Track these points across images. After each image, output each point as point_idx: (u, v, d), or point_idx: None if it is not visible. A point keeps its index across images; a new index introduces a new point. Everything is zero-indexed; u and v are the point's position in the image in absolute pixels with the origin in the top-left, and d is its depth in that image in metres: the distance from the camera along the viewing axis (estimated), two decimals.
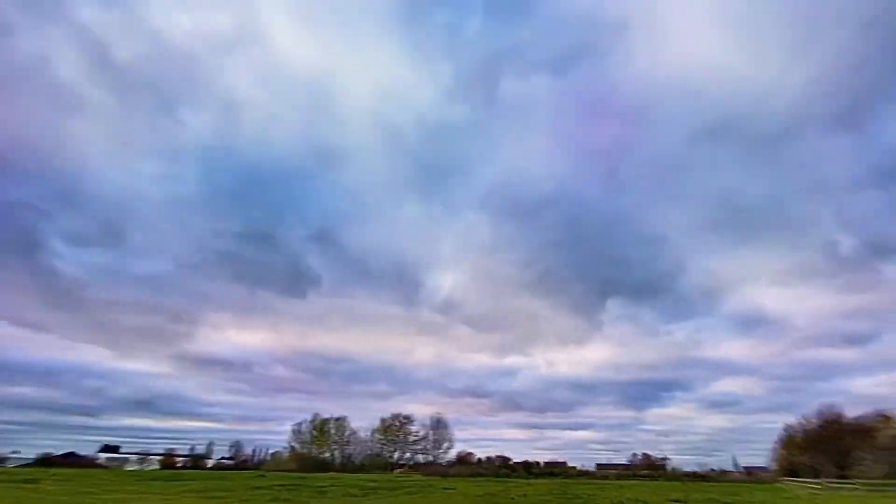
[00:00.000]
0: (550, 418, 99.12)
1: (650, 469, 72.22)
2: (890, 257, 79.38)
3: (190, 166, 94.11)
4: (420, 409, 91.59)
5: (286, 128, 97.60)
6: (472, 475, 54.70)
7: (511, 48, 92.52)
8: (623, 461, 78.91)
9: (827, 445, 39.38)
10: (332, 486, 25.99)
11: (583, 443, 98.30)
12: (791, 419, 53.48)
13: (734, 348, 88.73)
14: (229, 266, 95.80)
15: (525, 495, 22.24)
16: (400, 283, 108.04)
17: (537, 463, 74.16)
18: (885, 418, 43.30)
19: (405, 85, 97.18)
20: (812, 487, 34.52)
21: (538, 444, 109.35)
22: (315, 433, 65.00)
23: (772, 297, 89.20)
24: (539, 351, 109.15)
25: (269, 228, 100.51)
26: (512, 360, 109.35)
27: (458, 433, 66.71)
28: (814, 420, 47.77)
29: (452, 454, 66.38)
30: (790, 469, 46.90)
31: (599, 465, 76.85)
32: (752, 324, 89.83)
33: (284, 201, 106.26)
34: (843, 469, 35.98)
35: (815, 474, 38.83)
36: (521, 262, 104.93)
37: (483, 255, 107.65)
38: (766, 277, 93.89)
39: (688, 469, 70.36)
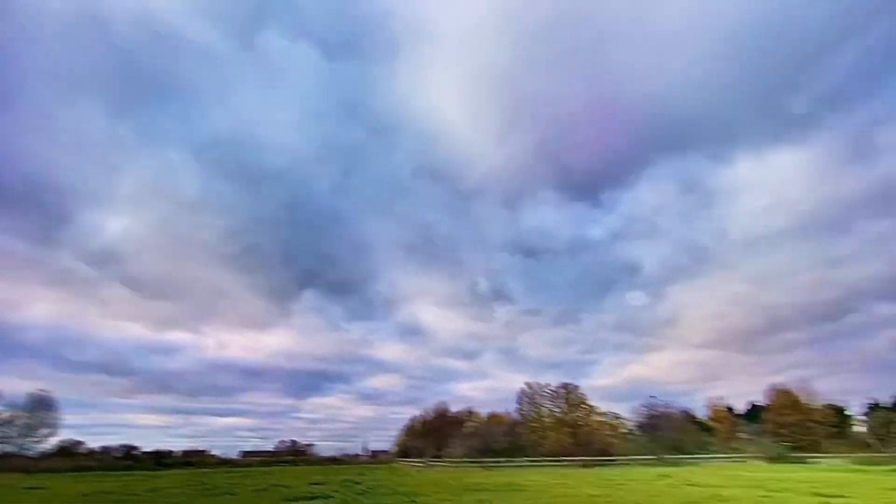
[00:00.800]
0: (204, 403, 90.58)
1: (293, 454, 75.56)
2: (501, 301, 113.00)
3: None
4: (14, 385, 67.19)
5: None
6: (74, 469, 43.12)
7: None
8: (270, 448, 79.61)
9: (435, 432, 51.60)
10: None
11: (231, 430, 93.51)
12: (415, 411, 67.40)
13: (392, 350, 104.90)
14: None
15: (154, 490, 19.08)
16: (36, 210, 77.76)
17: (170, 452, 65.67)
18: (471, 413, 60.44)
19: None
20: (416, 465, 44.06)
21: (178, 432, 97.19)
22: None
23: (430, 314, 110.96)
24: (213, 330, 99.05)
25: None
26: (176, 336, 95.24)
27: (69, 418, 51.52)
28: (430, 413, 61.78)
29: (53, 443, 50.64)
30: (405, 451, 58.58)
31: (245, 453, 74.85)
32: (411, 332, 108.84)
33: None
34: (439, 450, 47.81)
35: (420, 455, 49.90)
36: (226, 231, 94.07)
37: (178, 209, 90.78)
38: (431, 297, 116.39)
39: (326, 454, 77.50)
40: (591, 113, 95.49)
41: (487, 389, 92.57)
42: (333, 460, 70.66)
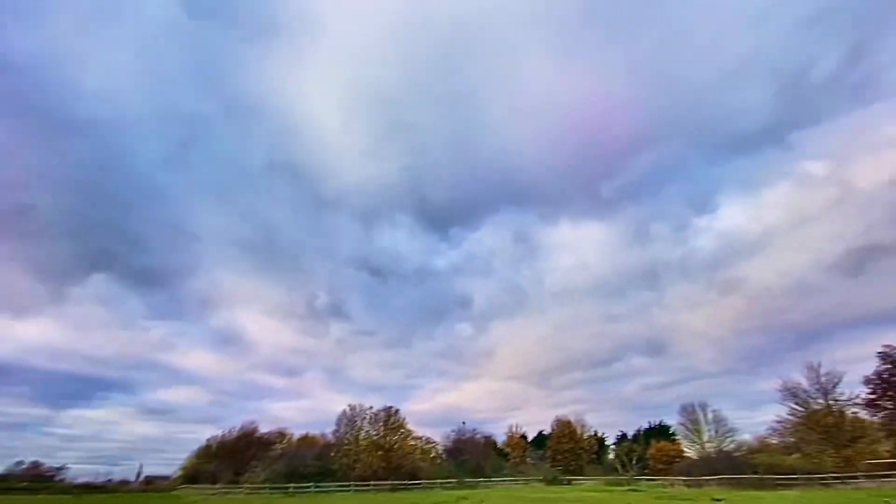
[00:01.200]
0: None
1: (32, 480, 58.64)
2: (338, 318, 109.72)
3: None
4: None
5: None
6: None
7: None
8: None
9: (236, 455, 46.07)
10: None
11: None
12: (216, 431, 59.38)
13: (199, 359, 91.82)
14: None
15: None
16: None
17: None
18: (282, 434, 56.03)
19: None
20: (206, 492, 38.61)
21: None
22: None
23: (254, 322, 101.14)
24: None
25: None
26: None
27: None
28: (233, 432, 55.14)
29: None
30: (193, 476, 50.70)
31: None
32: (227, 340, 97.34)
33: None
34: (239, 475, 42.78)
35: (214, 480, 43.89)
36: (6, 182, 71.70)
37: None
38: (259, 304, 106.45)
39: (84, 479, 62.17)
40: (455, 153, 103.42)
41: (305, 410, 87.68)
42: (89, 488, 56.84)
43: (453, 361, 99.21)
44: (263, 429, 55.88)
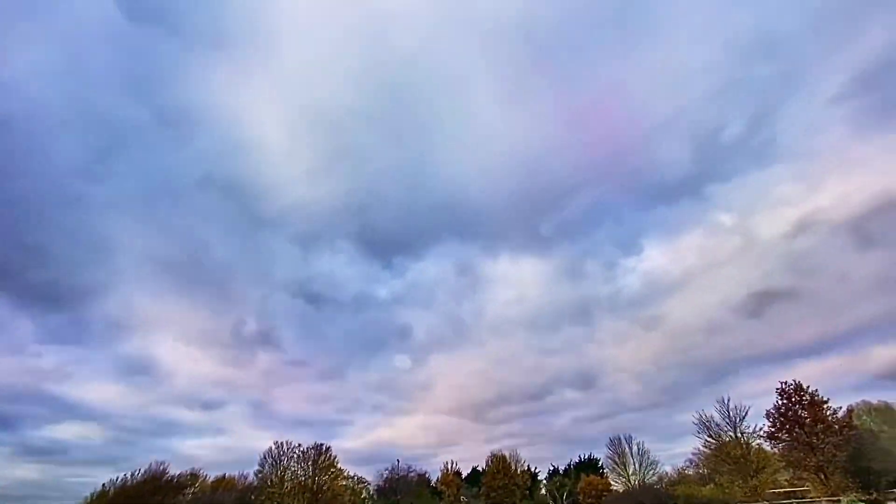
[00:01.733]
0: None
1: None
2: (266, 347, 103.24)
3: None
4: None
5: None
6: None
7: None
8: None
9: (141, 501, 40.69)
10: None
11: None
12: (114, 473, 52.28)
13: (100, 391, 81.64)
14: None
15: None
16: None
17: None
18: (195, 476, 50.58)
19: None
20: None
21: None
22: None
23: (173, 351, 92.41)
24: None
25: None
26: None
27: None
28: (137, 475, 48.91)
29: None
30: None
31: None
32: (138, 370, 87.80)
33: None
34: None
35: None
36: None
37: None
38: (178, 329, 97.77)
39: None
40: (402, 182, 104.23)
41: (223, 448, 79.95)
42: None
43: (389, 395, 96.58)
44: (174, 470, 50.26)
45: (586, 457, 62.39)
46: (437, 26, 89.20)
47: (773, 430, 38.38)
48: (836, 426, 35.83)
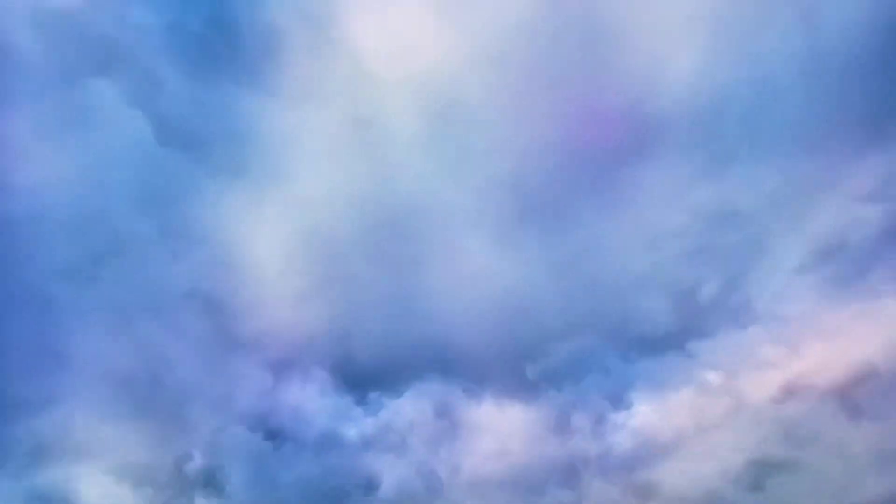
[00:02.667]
0: None
1: None
2: (207, 491, 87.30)
3: None
4: None
5: None
6: None
7: None
8: None
9: None
10: None
11: None
12: None
13: None
14: None
15: None
16: None
17: None
18: None
19: None
20: None
21: None
22: None
23: (96, 487, 77.30)
24: None
25: None
26: None
27: None
28: None
29: None
30: None
31: None
32: None
33: None
34: None
35: None
36: None
37: None
38: (110, 461, 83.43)
39: None
40: (388, 313, 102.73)
41: None
42: None
43: None
44: None
45: None
46: (435, 175, 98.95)
47: None
48: None
